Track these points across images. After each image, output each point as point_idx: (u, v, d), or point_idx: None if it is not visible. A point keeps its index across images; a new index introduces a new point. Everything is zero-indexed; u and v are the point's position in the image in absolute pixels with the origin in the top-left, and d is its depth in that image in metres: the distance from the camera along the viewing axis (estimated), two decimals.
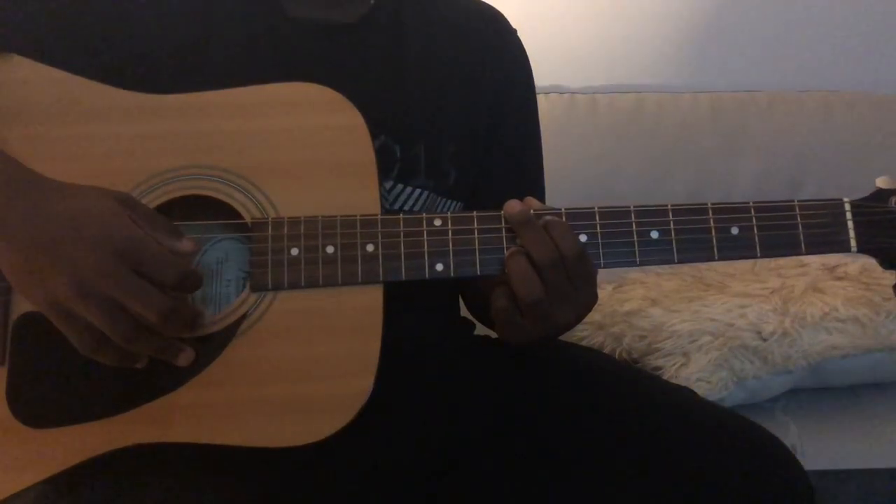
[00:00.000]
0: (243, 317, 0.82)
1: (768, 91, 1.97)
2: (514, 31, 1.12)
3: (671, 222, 0.85)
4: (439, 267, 0.84)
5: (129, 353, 0.77)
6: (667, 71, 2.04)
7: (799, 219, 0.85)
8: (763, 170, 1.90)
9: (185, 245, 0.80)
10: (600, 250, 0.85)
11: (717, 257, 0.85)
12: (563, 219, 0.84)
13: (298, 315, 0.83)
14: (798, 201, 0.86)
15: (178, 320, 0.76)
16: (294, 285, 0.83)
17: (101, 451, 0.80)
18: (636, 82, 1.99)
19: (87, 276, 0.73)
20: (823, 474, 1.34)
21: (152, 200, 0.83)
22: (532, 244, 0.82)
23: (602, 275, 0.87)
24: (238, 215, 0.84)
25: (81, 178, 0.80)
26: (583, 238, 0.84)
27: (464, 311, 1.14)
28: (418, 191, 0.98)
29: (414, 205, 0.98)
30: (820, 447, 1.36)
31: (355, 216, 0.84)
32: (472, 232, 0.84)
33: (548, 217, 0.84)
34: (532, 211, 0.84)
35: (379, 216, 0.84)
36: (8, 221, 0.74)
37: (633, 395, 0.94)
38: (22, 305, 0.81)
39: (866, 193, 0.88)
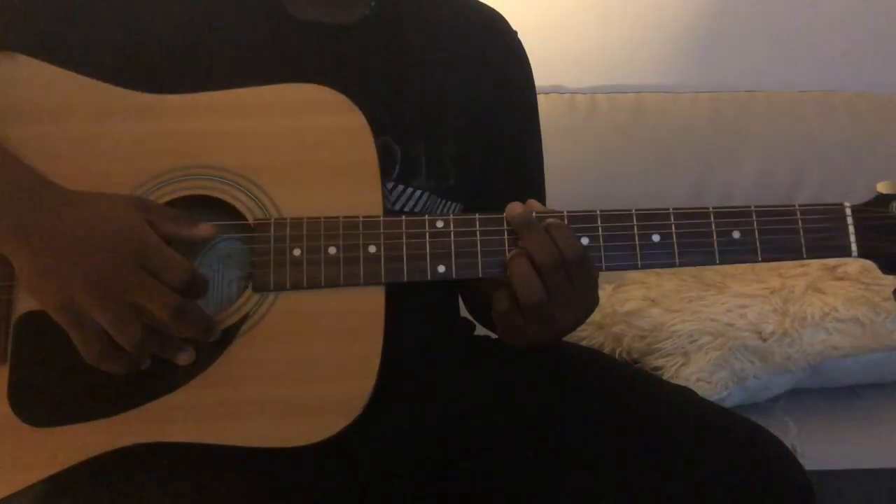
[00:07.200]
0: (245, 317, 0.82)
1: (768, 91, 1.97)
2: (515, 33, 1.12)
3: (672, 226, 0.85)
4: (441, 269, 0.84)
5: (132, 362, 0.78)
6: (667, 71, 2.04)
7: (800, 223, 0.85)
8: (763, 170, 1.90)
9: (205, 230, 0.82)
10: (602, 253, 0.85)
11: (718, 261, 0.85)
12: (565, 221, 0.84)
13: (300, 316, 0.83)
14: (799, 205, 0.86)
15: (189, 320, 0.77)
16: (296, 286, 0.83)
17: (102, 451, 0.80)
18: (636, 82, 1.99)
19: (103, 278, 0.75)
20: (823, 474, 1.34)
21: (155, 200, 0.83)
22: (534, 246, 0.82)
23: (602, 275, 0.87)
24: (241, 216, 0.84)
25: (84, 178, 0.81)
26: (584, 241, 0.84)
27: (464, 312, 1.14)
28: (419, 192, 0.98)
29: (414, 206, 0.98)
30: (820, 447, 1.36)
31: (358, 217, 0.84)
32: (474, 234, 0.84)
33: (550, 219, 0.84)
34: (534, 213, 0.84)
35: (381, 218, 0.84)
36: (27, 226, 0.76)
37: (633, 395, 0.95)
38: (23, 305, 0.81)
39: (866, 194, 0.88)
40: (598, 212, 0.85)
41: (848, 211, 0.86)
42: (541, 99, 1.14)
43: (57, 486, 0.80)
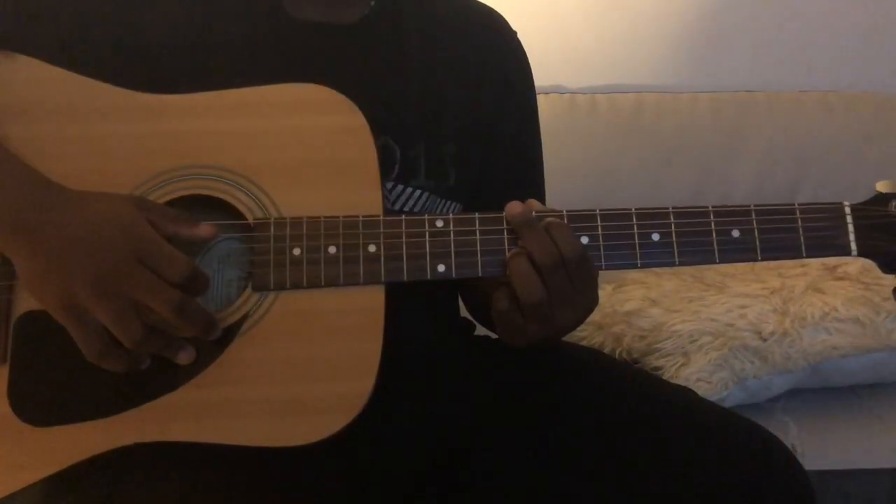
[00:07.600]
0: (245, 317, 0.82)
1: (768, 91, 1.97)
2: (514, 33, 1.12)
3: (672, 225, 0.85)
4: (441, 268, 0.84)
5: (133, 360, 0.78)
6: (667, 71, 2.04)
7: (800, 222, 0.85)
8: (763, 170, 1.90)
9: (205, 230, 0.82)
10: (601, 252, 0.85)
11: (717, 260, 0.85)
12: (565, 221, 0.85)
13: (300, 315, 0.83)
14: (799, 204, 0.86)
15: (190, 317, 0.77)
16: (296, 285, 0.83)
17: (101, 450, 0.80)
18: (636, 82, 1.99)
19: (104, 276, 0.75)
20: (823, 474, 1.34)
21: (155, 200, 0.83)
22: (533, 245, 0.82)
23: (602, 275, 0.88)
24: (240, 215, 0.84)
25: (84, 178, 0.81)
26: (584, 240, 0.84)
27: (464, 312, 1.14)
28: (418, 191, 0.98)
29: (414, 206, 0.98)
30: (820, 447, 1.37)
31: (357, 217, 0.84)
32: (473, 233, 0.85)
33: (549, 219, 0.84)
34: (533, 212, 0.84)
35: (381, 217, 0.84)
36: (27, 225, 0.76)
37: (633, 395, 0.95)
38: (23, 304, 0.81)
39: (866, 193, 0.88)
40: (597, 211, 0.85)
41: (847, 210, 0.86)
42: (541, 99, 1.14)
43: (57, 486, 0.80)
